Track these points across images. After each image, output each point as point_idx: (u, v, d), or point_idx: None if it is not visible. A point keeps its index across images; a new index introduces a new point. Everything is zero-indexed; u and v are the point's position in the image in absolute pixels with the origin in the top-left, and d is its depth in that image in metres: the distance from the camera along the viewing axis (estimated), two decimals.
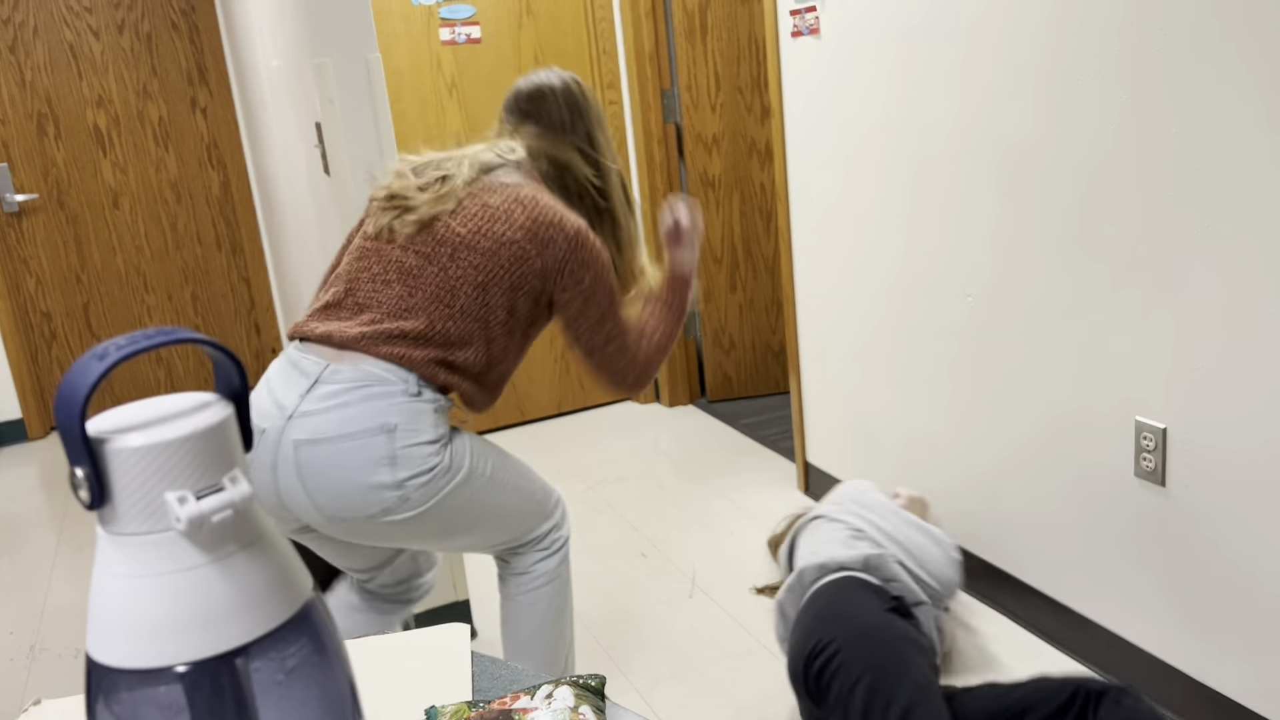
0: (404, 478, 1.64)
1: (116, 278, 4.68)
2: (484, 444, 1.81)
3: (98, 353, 0.46)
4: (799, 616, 2.02)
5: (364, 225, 1.82)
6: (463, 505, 1.74)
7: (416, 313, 1.68)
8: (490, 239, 1.68)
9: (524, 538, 1.90)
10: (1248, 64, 1.65)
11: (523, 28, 3.77)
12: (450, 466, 1.70)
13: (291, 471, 1.64)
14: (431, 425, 1.67)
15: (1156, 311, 1.91)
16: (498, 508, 1.80)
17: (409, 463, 1.64)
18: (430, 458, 1.66)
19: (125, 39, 4.50)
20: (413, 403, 1.65)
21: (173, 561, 0.48)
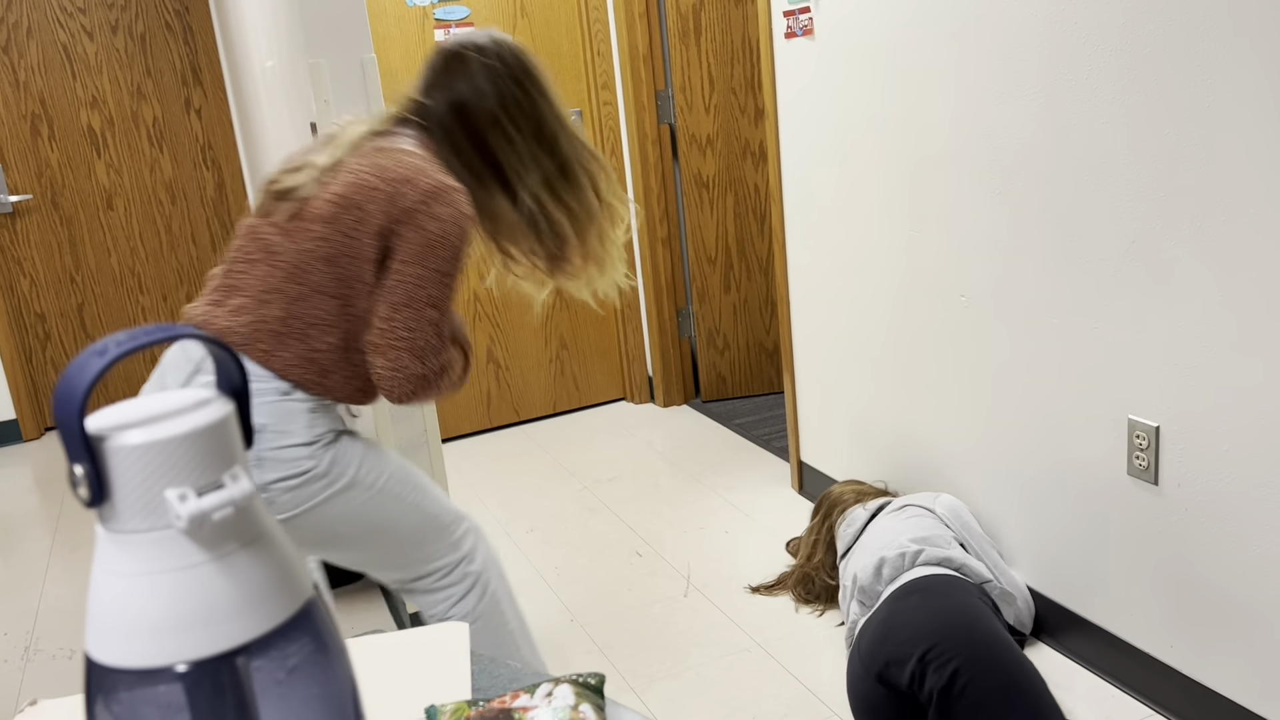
0: (269, 480, 1.55)
1: (111, 279, 4.67)
2: (379, 454, 1.68)
3: (97, 349, 0.46)
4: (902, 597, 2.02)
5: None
6: (341, 516, 1.63)
7: (275, 296, 1.55)
8: (339, 205, 1.54)
9: (423, 568, 1.74)
10: (1239, 64, 1.65)
11: (517, 29, 3.77)
12: (327, 473, 1.59)
13: None
14: (305, 426, 1.57)
15: (1149, 311, 1.91)
16: (387, 525, 1.67)
17: (276, 466, 1.55)
18: (302, 461, 1.56)
19: (119, 39, 4.49)
20: (282, 402, 1.55)
21: (173, 559, 0.48)
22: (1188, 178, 1.78)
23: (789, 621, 2.52)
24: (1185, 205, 1.80)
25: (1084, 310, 2.06)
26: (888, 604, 2.05)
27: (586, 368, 4.18)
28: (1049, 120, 2.04)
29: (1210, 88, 1.71)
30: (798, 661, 2.36)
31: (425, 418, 2.45)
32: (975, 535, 2.35)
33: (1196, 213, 1.78)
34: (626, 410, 4.18)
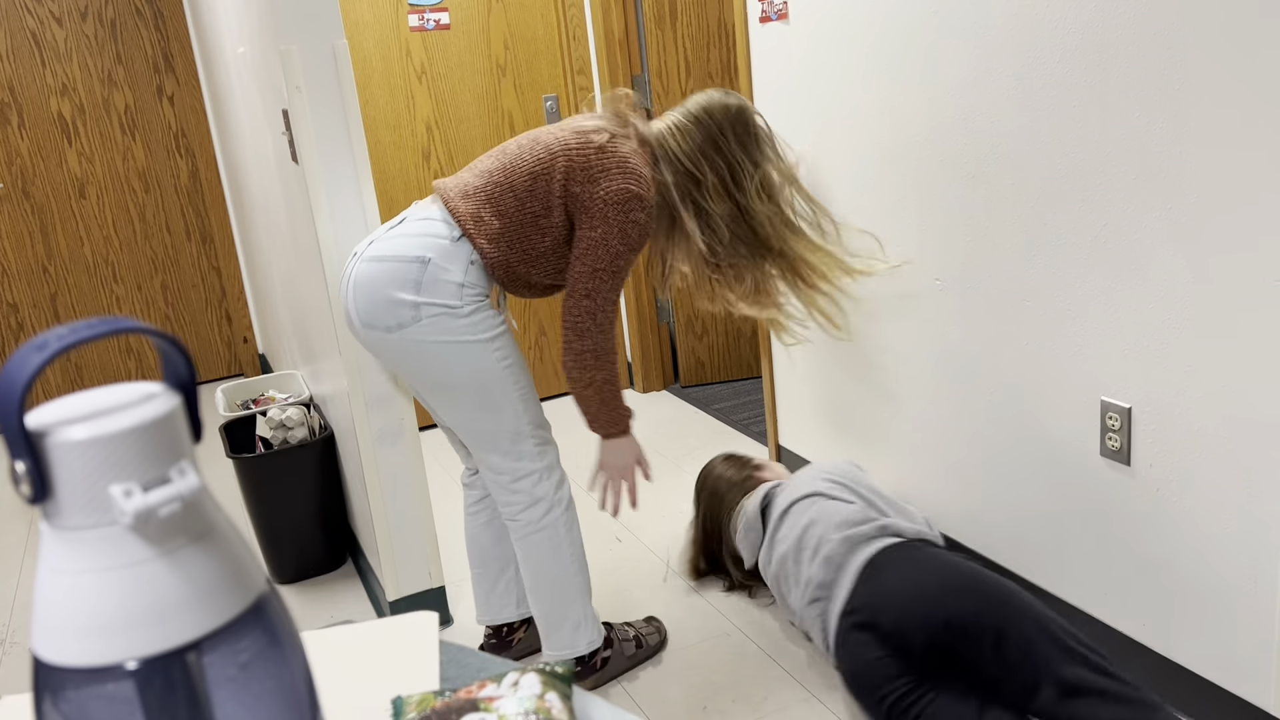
0: (422, 301, 1.93)
1: (84, 268, 4.63)
2: (517, 355, 2.04)
3: (37, 344, 0.45)
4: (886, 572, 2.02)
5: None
6: (463, 366, 1.97)
7: (484, 175, 1.99)
8: (562, 146, 1.96)
9: (505, 460, 2.07)
10: (1209, 48, 1.66)
11: (492, 13, 3.74)
12: (468, 317, 1.95)
13: (350, 281, 1.98)
14: (462, 270, 1.95)
15: (1121, 293, 1.92)
16: (494, 397, 2.01)
17: (431, 290, 1.93)
18: (451, 296, 1.94)
19: (89, 26, 4.43)
20: (452, 245, 1.95)
21: (120, 556, 0.47)
22: (1159, 161, 1.79)
23: (768, 605, 2.53)
24: (1156, 188, 1.81)
25: (1057, 293, 2.07)
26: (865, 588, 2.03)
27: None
28: (1022, 104, 2.04)
29: (1181, 72, 1.72)
30: (777, 644, 2.37)
31: (401, 406, 2.44)
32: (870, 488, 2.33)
33: (1167, 196, 1.79)
34: None
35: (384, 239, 1.98)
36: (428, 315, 1.93)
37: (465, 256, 1.95)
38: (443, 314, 1.93)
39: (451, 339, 1.95)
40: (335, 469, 2.89)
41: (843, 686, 2.13)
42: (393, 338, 1.95)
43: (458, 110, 3.77)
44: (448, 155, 3.79)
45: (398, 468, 2.47)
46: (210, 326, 4.91)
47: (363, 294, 1.95)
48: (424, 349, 1.95)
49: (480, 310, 1.97)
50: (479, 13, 3.72)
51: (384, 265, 1.94)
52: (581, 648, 2.20)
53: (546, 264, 2.02)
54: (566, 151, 1.95)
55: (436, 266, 1.93)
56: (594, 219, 1.93)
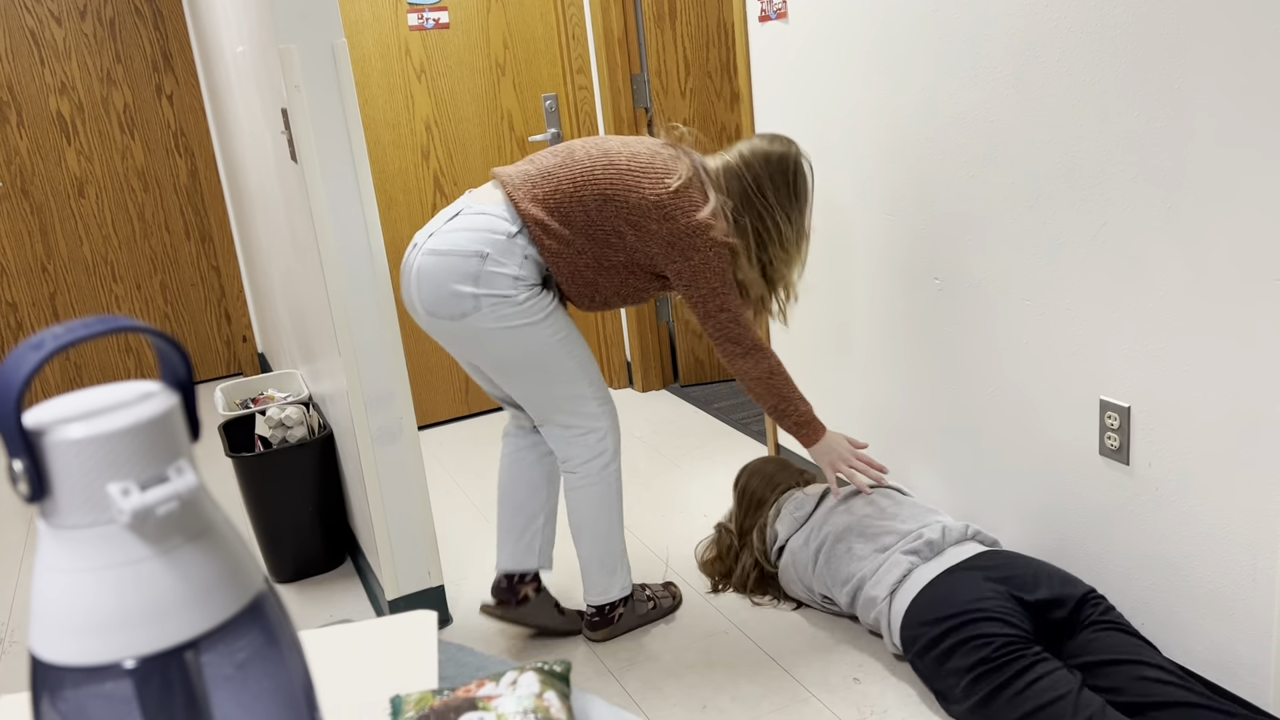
0: (481, 293, 2.10)
1: (84, 267, 4.63)
2: (570, 329, 2.22)
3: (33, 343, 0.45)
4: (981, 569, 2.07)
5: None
6: (519, 344, 2.15)
7: (549, 178, 2.15)
8: (634, 175, 2.13)
9: (567, 419, 2.27)
10: (1210, 45, 1.66)
11: (491, 13, 3.74)
12: (523, 305, 2.12)
13: (413, 272, 2.15)
14: (517, 264, 2.11)
15: (1120, 292, 1.92)
16: (547, 370, 2.20)
17: (488, 283, 2.10)
18: (507, 287, 2.10)
19: (88, 24, 4.43)
20: (508, 241, 2.11)
21: (117, 555, 0.47)
22: (1158, 159, 1.79)
23: (766, 605, 2.53)
24: (1156, 187, 1.81)
25: (1056, 292, 2.07)
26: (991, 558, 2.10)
27: None
28: (1020, 103, 2.04)
29: (1180, 70, 1.72)
30: (775, 642, 2.37)
31: (401, 405, 2.44)
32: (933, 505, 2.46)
33: (1166, 195, 1.79)
34: None
35: (443, 232, 2.14)
36: (487, 305, 2.11)
37: (520, 251, 2.12)
38: (500, 303, 2.11)
39: (509, 324, 2.13)
40: (334, 468, 2.89)
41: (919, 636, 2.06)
42: (456, 325, 2.14)
43: (457, 109, 3.77)
44: (447, 154, 3.79)
45: (397, 467, 2.47)
46: (209, 325, 4.91)
47: (426, 286, 2.13)
48: (485, 334, 2.14)
49: (534, 296, 2.14)
50: (478, 12, 3.72)
51: (445, 259, 2.11)
52: (615, 593, 2.40)
53: (617, 276, 2.20)
54: (639, 187, 2.12)
55: (494, 261, 2.10)
56: (685, 250, 2.13)
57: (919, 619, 2.03)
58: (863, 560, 2.24)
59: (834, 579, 2.30)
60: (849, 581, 2.25)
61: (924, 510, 2.33)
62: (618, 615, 2.42)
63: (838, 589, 2.29)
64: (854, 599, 2.25)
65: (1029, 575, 2.02)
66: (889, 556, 2.19)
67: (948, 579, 2.05)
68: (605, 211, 2.12)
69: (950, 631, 1.95)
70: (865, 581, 2.21)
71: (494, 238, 2.11)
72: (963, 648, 1.92)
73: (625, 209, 2.11)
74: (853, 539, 2.28)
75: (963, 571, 2.06)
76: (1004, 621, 1.91)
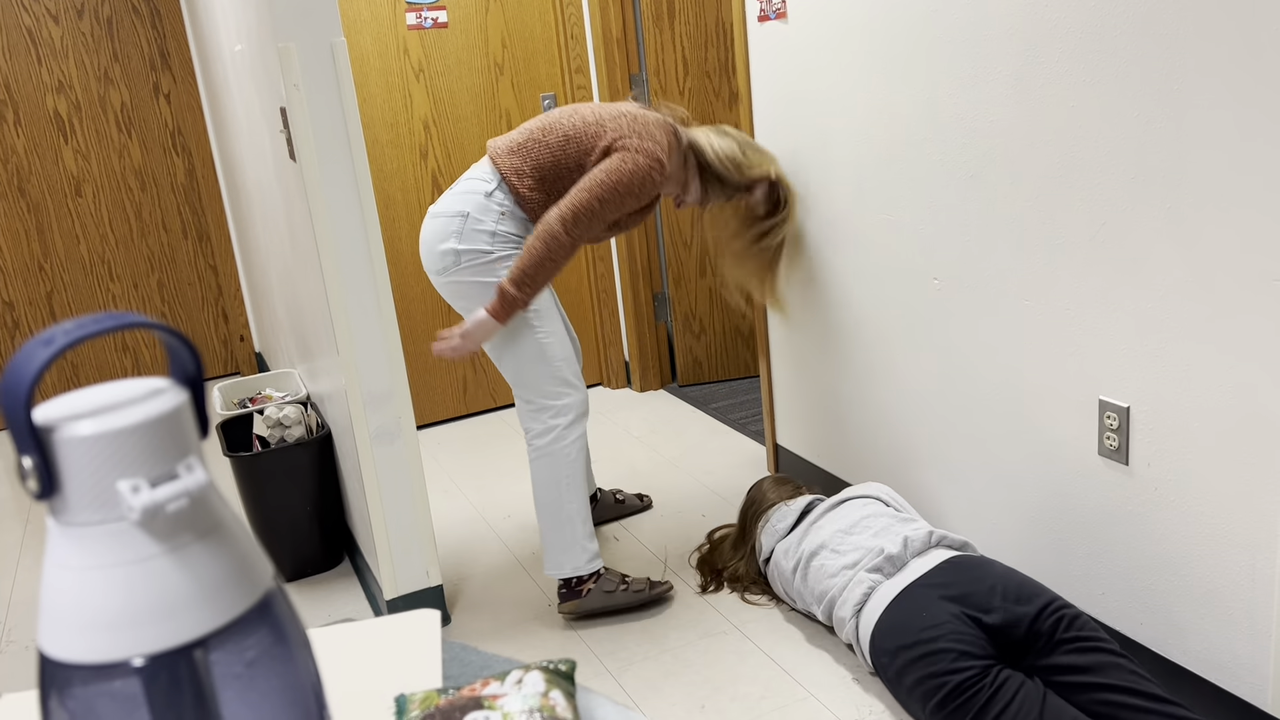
0: (463, 249, 2.34)
1: (80, 266, 4.62)
2: (547, 305, 2.41)
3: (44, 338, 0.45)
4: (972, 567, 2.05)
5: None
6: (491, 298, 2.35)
7: (523, 133, 2.40)
8: (597, 119, 2.37)
9: (526, 391, 2.44)
10: (1209, 46, 1.66)
11: (489, 12, 3.74)
12: (495, 262, 2.35)
13: (421, 236, 2.48)
14: (494, 219, 2.35)
15: (1119, 292, 1.92)
16: (513, 336, 2.38)
17: (469, 239, 2.34)
18: (484, 243, 2.34)
19: (85, 23, 4.42)
20: (485, 200, 2.35)
21: (127, 552, 0.47)
22: (1157, 160, 1.79)
23: (768, 604, 2.53)
24: (1155, 187, 1.81)
25: (1055, 292, 2.07)
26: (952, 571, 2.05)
27: None
28: (1020, 103, 2.04)
29: (1180, 70, 1.72)
30: (773, 642, 2.37)
31: (399, 405, 2.44)
32: (912, 510, 2.44)
33: (1166, 195, 1.79)
34: (603, 395, 4.18)
35: (442, 198, 2.42)
36: (465, 260, 2.34)
37: (497, 208, 2.35)
38: (478, 258, 2.34)
39: (484, 280, 2.35)
40: (332, 468, 2.88)
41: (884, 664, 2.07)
42: (442, 280, 2.39)
43: (455, 109, 3.77)
44: (445, 154, 3.79)
45: (395, 466, 2.47)
46: (207, 325, 4.90)
47: (424, 246, 2.40)
48: (462, 289, 2.37)
49: (510, 256, 2.35)
50: (477, 11, 3.72)
51: (437, 220, 2.37)
52: (566, 570, 2.49)
53: None
54: (599, 123, 2.36)
55: (474, 219, 2.34)
56: (621, 160, 2.30)
57: (880, 646, 2.02)
58: (833, 578, 2.24)
59: (810, 595, 2.30)
60: (823, 599, 2.25)
61: (895, 522, 2.28)
62: (585, 590, 2.51)
63: (814, 605, 2.30)
64: (828, 616, 2.25)
65: (984, 591, 1.97)
66: (855, 574, 2.18)
67: (906, 600, 2.02)
68: (569, 149, 2.35)
69: (910, 665, 1.93)
70: (835, 601, 2.21)
71: (473, 197, 2.35)
72: (922, 685, 1.90)
73: (585, 142, 2.34)
74: (825, 556, 2.29)
75: (921, 589, 2.02)
76: (956, 651, 1.88)
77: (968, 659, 1.87)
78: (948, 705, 1.85)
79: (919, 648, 1.92)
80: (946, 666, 1.87)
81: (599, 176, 2.30)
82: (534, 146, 2.37)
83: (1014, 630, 1.93)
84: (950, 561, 2.09)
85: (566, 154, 2.35)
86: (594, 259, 4.05)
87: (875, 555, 2.16)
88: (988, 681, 1.84)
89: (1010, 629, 1.93)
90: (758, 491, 2.67)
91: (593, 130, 2.36)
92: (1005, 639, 1.94)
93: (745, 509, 2.67)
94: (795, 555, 2.37)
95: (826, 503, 2.47)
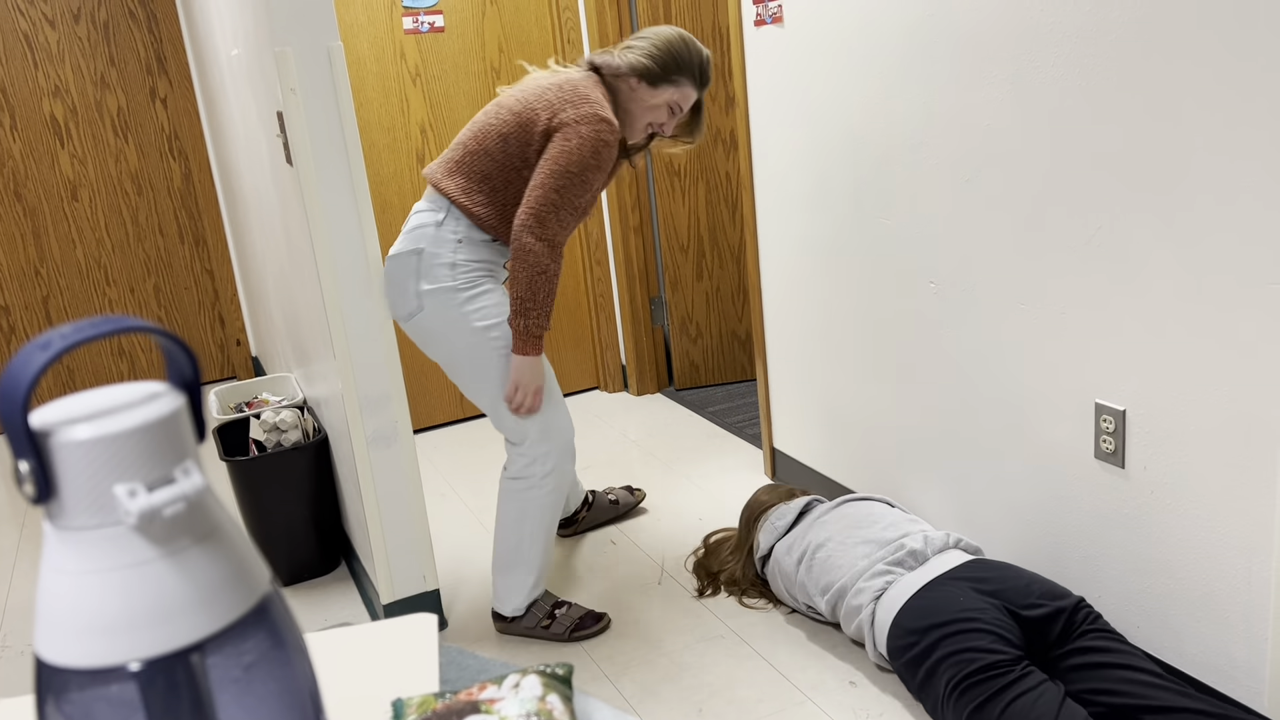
0: (424, 290, 2.23)
1: (77, 271, 4.61)
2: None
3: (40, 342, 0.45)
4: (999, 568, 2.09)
5: None
6: (461, 348, 2.26)
7: (458, 149, 2.27)
8: (524, 105, 2.21)
9: (505, 431, 2.35)
10: (1202, 52, 1.66)
11: (486, 16, 3.74)
12: (465, 302, 2.23)
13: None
14: (450, 249, 2.23)
15: (1114, 296, 1.93)
16: (488, 380, 2.29)
17: (428, 276, 2.23)
18: (444, 278, 2.23)
19: (82, 28, 4.42)
20: (437, 231, 2.24)
21: (123, 556, 0.47)
22: (1152, 164, 1.80)
23: (765, 607, 2.53)
24: (1150, 192, 1.81)
25: (1051, 296, 2.07)
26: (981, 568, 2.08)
27: (560, 357, 4.17)
28: (1016, 107, 2.05)
29: (1174, 76, 1.72)
30: (771, 646, 2.36)
31: (396, 409, 2.44)
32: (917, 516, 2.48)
33: (1161, 200, 1.80)
34: (600, 399, 4.18)
35: (397, 240, 2.31)
36: (429, 302, 2.24)
37: (451, 237, 2.23)
38: (442, 297, 2.23)
39: (451, 325, 2.25)
40: (329, 472, 2.88)
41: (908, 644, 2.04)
42: (410, 325, 2.29)
43: (452, 113, 3.77)
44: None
45: (391, 470, 2.47)
46: (203, 329, 4.90)
47: (387, 290, 2.31)
48: (431, 334, 2.27)
49: (480, 296, 2.25)
50: (473, 15, 3.72)
51: (393, 263, 2.28)
52: (506, 610, 2.48)
53: None
54: (529, 112, 2.20)
55: (429, 254, 2.23)
56: (567, 138, 2.15)
57: (908, 627, 2.02)
58: (842, 569, 2.24)
59: (815, 587, 2.31)
60: (829, 590, 2.26)
61: (905, 520, 2.33)
62: (515, 618, 2.51)
63: (818, 597, 2.30)
64: (835, 608, 2.26)
65: (1020, 587, 2.01)
66: (871, 567, 2.18)
67: (938, 588, 2.05)
68: (508, 149, 2.22)
69: (941, 641, 1.94)
70: (846, 591, 2.21)
71: (424, 231, 2.25)
72: (951, 659, 1.91)
73: (522, 133, 2.20)
74: (833, 548, 2.29)
75: (952, 581, 2.05)
76: (995, 635, 1.90)
77: (1004, 643, 1.90)
78: (972, 679, 1.87)
79: (956, 625, 1.94)
80: (984, 645, 1.89)
81: (549, 167, 2.15)
82: (471, 159, 2.24)
83: (1051, 626, 1.96)
84: (977, 561, 2.12)
85: (508, 154, 2.22)
86: (591, 264, 4.06)
87: (896, 549, 2.19)
88: (1016, 670, 1.86)
89: (1048, 624, 1.96)
90: (753, 499, 2.68)
91: (525, 118, 2.20)
92: (1039, 635, 1.97)
93: (742, 515, 2.68)
94: (799, 549, 2.37)
95: (827, 503, 2.48)
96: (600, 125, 2.16)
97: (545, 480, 2.37)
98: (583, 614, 2.49)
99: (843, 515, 2.38)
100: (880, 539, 2.25)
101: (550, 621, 2.48)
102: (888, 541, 2.24)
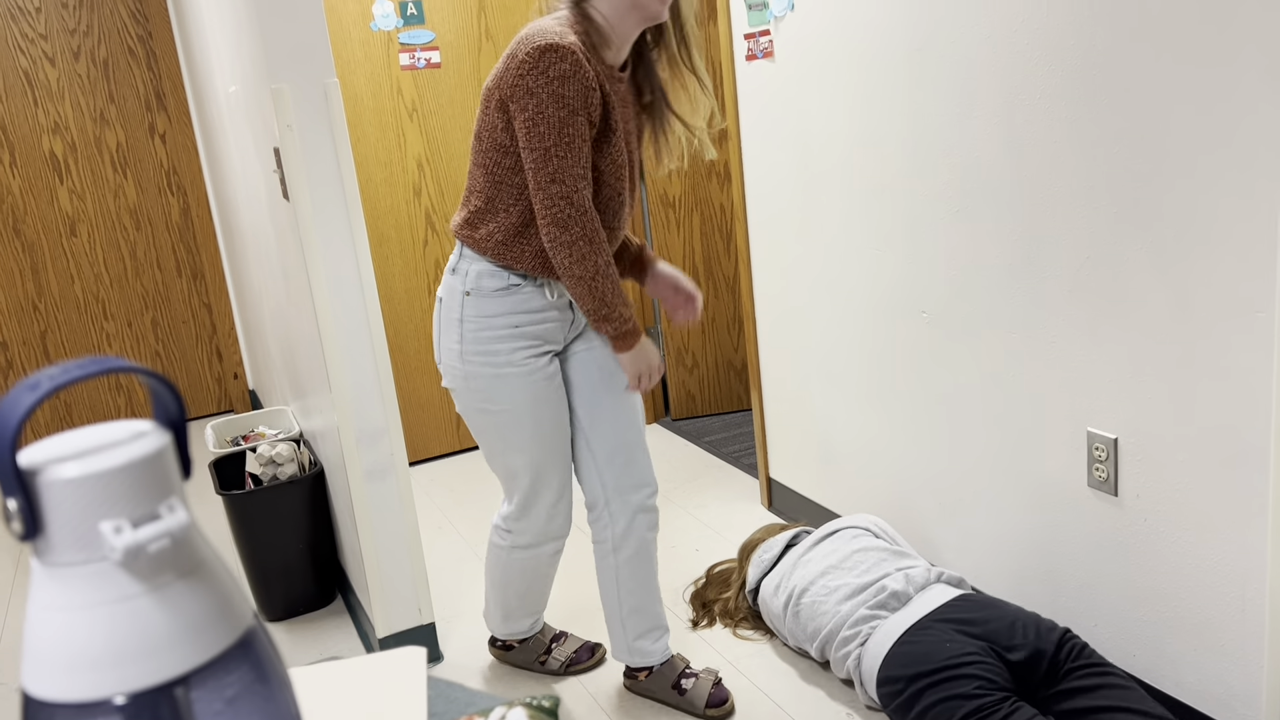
0: (442, 347, 2.07)
1: (75, 305, 4.63)
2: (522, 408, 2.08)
3: (29, 383, 0.46)
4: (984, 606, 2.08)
5: None
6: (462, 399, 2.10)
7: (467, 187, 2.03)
8: (486, 91, 1.91)
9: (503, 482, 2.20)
10: (1189, 84, 1.69)
11: (482, 52, 3.78)
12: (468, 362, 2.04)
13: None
14: (458, 304, 2.02)
15: (1105, 325, 1.94)
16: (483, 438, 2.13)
17: (446, 331, 2.05)
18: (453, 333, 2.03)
19: (81, 65, 4.47)
20: (452, 278, 2.04)
21: (109, 592, 0.48)
22: (1140, 195, 1.82)
23: (760, 639, 2.53)
24: (1137, 223, 1.83)
25: (1042, 325, 2.09)
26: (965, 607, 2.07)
27: None
28: (1005, 140, 2.07)
29: (1162, 107, 1.75)
30: (767, 678, 2.36)
31: (392, 442, 2.44)
32: (904, 542, 2.48)
33: (1148, 230, 1.81)
34: None
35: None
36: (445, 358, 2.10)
37: (459, 289, 2.03)
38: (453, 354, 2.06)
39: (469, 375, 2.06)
40: (325, 505, 2.88)
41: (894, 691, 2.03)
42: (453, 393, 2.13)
43: (449, 147, 3.80)
44: (439, 192, 3.82)
45: (387, 504, 2.47)
46: (201, 363, 4.91)
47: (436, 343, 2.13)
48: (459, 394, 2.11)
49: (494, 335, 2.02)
50: (469, 51, 3.76)
51: (438, 335, 2.11)
52: (499, 633, 2.48)
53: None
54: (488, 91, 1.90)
55: (446, 305, 2.06)
56: (521, 98, 1.81)
57: (893, 675, 2.01)
58: (826, 616, 2.24)
59: (802, 633, 2.31)
60: (816, 637, 2.26)
61: (890, 555, 2.31)
62: (515, 642, 2.50)
63: (807, 643, 2.30)
64: (823, 652, 2.26)
65: (1005, 628, 2.00)
66: (854, 613, 2.18)
67: (921, 633, 2.03)
68: (483, 143, 1.94)
69: (926, 690, 1.93)
70: (833, 638, 2.21)
71: (445, 285, 2.06)
72: (938, 706, 1.90)
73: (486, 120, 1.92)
74: (815, 594, 2.29)
75: (937, 624, 2.04)
76: (981, 679, 1.89)
77: (992, 687, 1.89)
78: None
79: (943, 673, 1.93)
80: (971, 690, 1.89)
81: (526, 155, 1.86)
82: (470, 182, 2.01)
83: (1038, 665, 1.95)
84: (962, 599, 2.11)
85: (483, 149, 1.94)
86: None
87: (877, 591, 2.17)
88: (1005, 707, 1.85)
89: (1034, 664, 1.95)
90: (750, 536, 2.70)
91: (483, 101, 1.93)
92: (1027, 674, 1.96)
93: (739, 551, 2.70)
94: (785, 592, 2.37)
95: (813, 535, 2.48)
96: (543, 58, 1.78)
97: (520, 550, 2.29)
98: (578, 646, 2.49)
99: (826, 553, 2.38)
100: (860, 584, 2.23)
101: (546, 656, 2.48)
102: (868, 585, 2.22)
